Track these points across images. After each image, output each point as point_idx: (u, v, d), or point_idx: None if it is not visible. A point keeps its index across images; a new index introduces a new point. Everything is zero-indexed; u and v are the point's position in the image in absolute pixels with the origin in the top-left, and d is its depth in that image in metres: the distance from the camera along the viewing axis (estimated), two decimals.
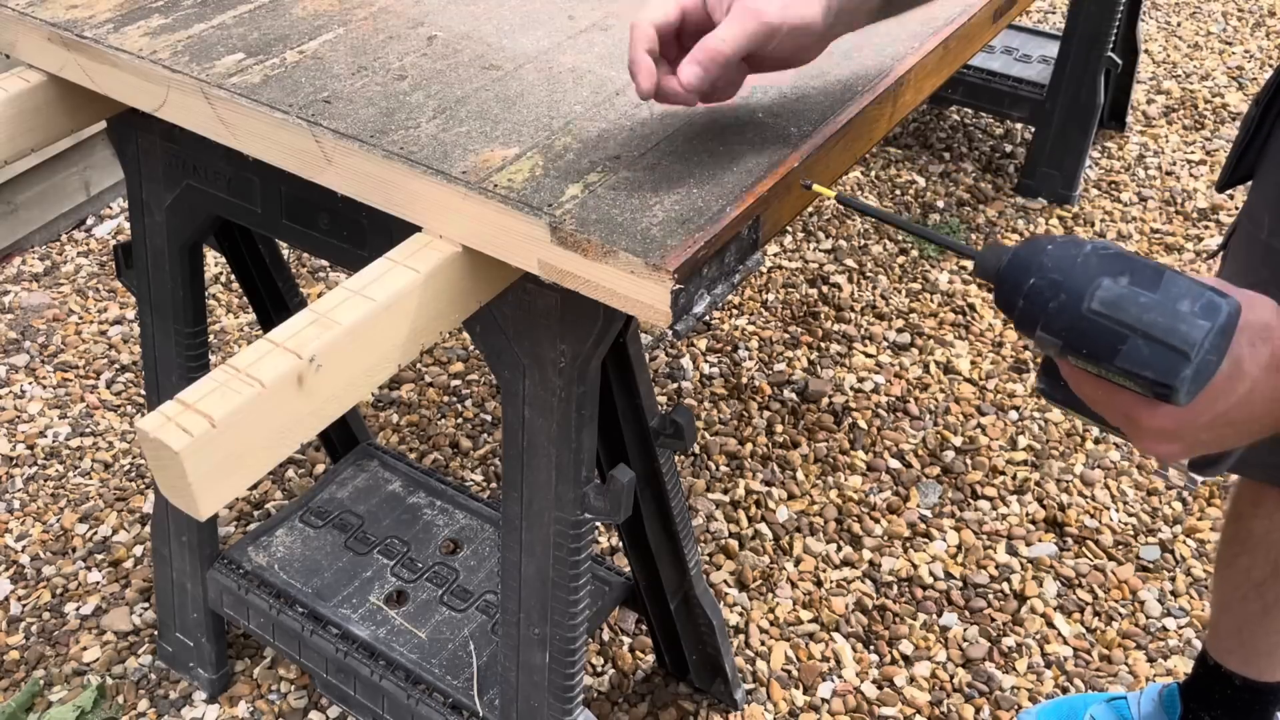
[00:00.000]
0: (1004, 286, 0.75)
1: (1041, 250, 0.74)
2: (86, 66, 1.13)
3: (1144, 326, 0.70)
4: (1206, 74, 3.41)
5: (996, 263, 0.76)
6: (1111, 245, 0.73)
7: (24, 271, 2.61)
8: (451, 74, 1.10)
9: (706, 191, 0.94)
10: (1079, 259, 0.72)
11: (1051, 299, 0.73)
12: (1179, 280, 0.70)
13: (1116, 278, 0.71)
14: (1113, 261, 0.72)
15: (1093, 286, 0.71)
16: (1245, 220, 1.20)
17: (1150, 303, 0.70)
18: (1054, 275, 0.72)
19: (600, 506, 1.19)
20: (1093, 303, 0.71)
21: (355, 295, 0.89)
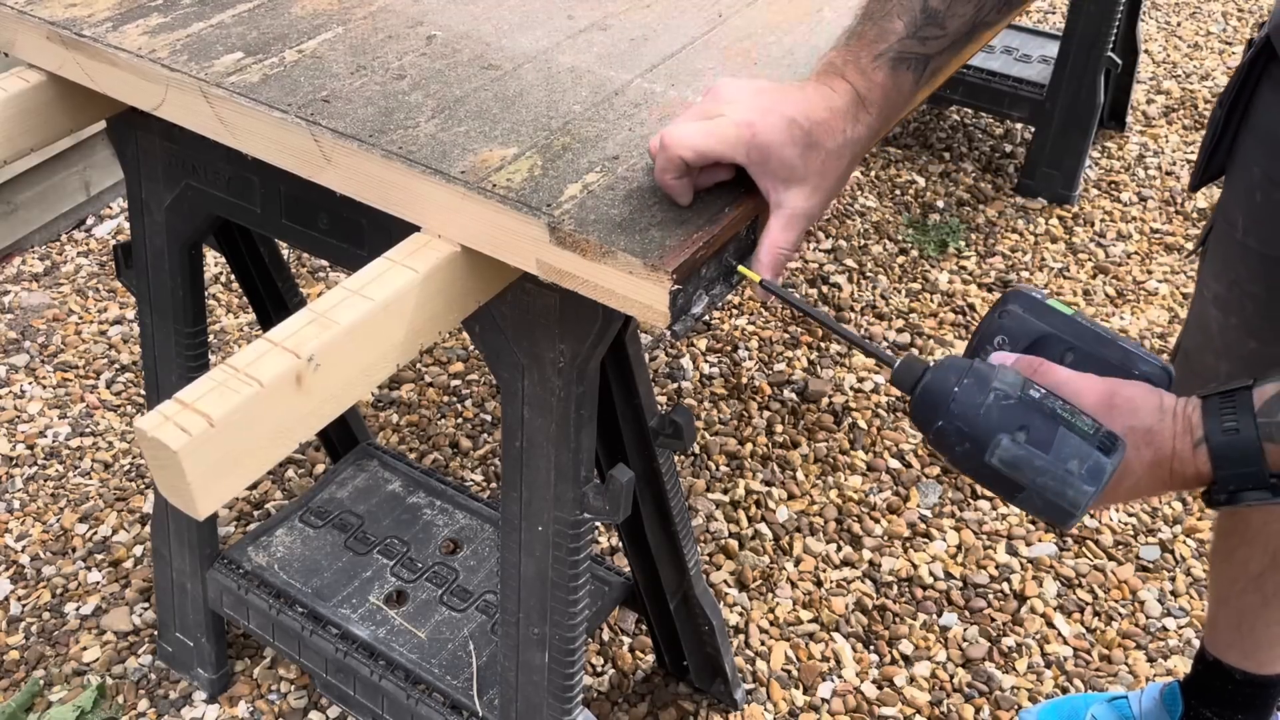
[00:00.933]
0: (916, 413, 0.84)
1: (949, 392, 0.81)
2: (85, 65, 1.13)
3: (1037, 487, 0.79)
4: (1206, 74, 3.41)
5: (910, 380, 0.84)
6: (1014, 386, 0.81)
7: (24, 271, 2.61)
8: (450, 73, 1.10)
9: (705, 192, 0.94)
10: (981, 410, 0.80)
11: (957, 444, 0.81)
12: (1069, 439, 0.79)
13: (1015, 434, 0.79)
14: (1012, 414, 0.79)
15: (993, 443, 0.79)
16: (1220, 219, 1.21)
17: (1043, 465, 0.79)
18: (959, 424, 0.80)
19: (599, 506, 1.19)
20: (992, 458, 0.80)
21: (354, 295, 0.89)
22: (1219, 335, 1.23)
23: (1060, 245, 2.73)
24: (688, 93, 1.08)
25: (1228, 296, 1.21)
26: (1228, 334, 1.22)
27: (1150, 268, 2.66)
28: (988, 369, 0.82)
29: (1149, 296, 2.57)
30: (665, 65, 1.12)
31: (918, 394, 0.83)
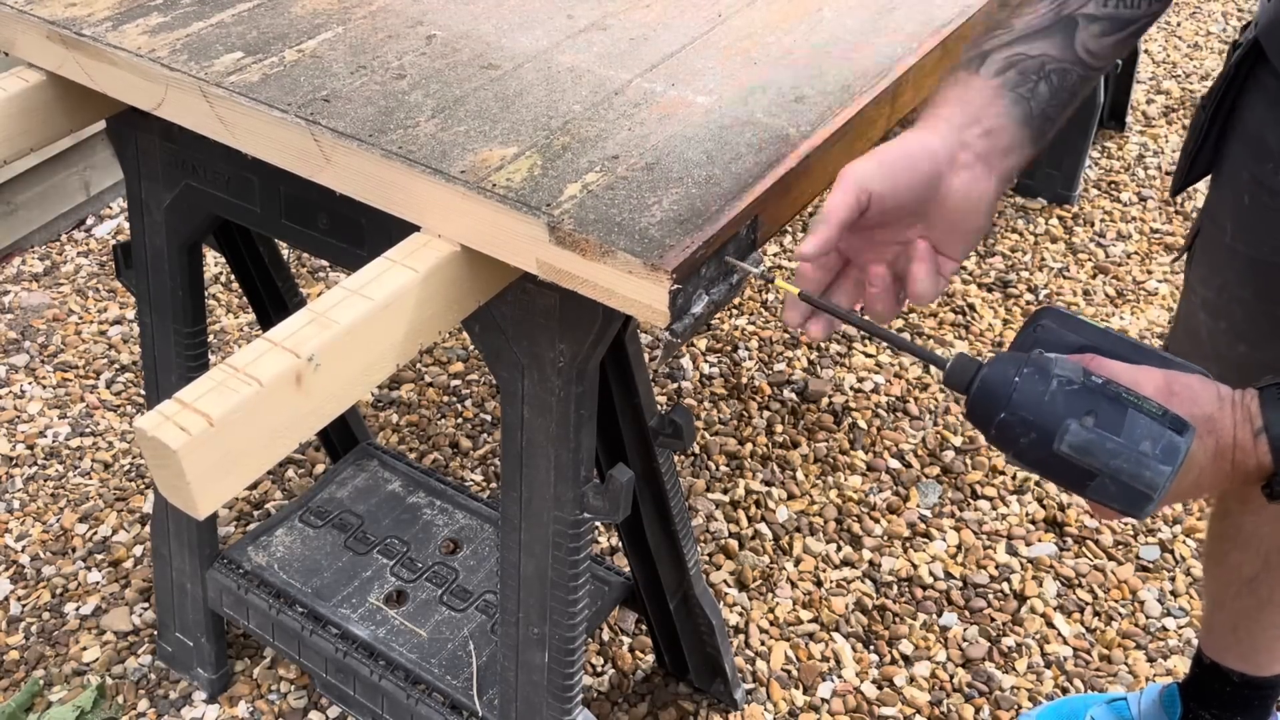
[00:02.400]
0: (974, 410, 0.81)
1: (1009, 383, 0.78)
2: (85, 65, 1.13)
3: (1110, 471, 0.76)
4: (1206, 74, 3.41)
5: (964, 378, 0.81)
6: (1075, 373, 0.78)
7: (24, 271, 2.61)
8: (450, 73, 1.10)
9: (705, 191, 0.94)
10: (1046, 397, 0.77)
11: (1022, 435, 0.78)
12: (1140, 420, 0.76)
13: (1082, 418, 0.76)
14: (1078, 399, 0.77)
15: (1061, 429, 0.76)
16: (1208, 223, 1.20)
17: (1116, 448, 0.76)
18: (1023, 414, 0.78)
19: (599, 506, 1.19)
20: (1062, 445, 0.77)
21: (353, 294, 0.89)
22: (1208, 340, 1.23)
23: (1060, 245, 2.73)
24: (688, 92, 1.08)
25: (1216, 301, 1.21)
26: (1217, 338, 1.22)
27: (1150, 268, 2.66)
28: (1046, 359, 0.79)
29: (1149, 296, 2.57)
30: (665, 65, 1.13)
31: (975, 390, 0.80)
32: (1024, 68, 0.88)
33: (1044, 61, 0.89)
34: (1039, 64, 0.88)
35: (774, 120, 1.04)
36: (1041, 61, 0.89)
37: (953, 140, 0.86)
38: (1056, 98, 0.89)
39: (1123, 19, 0.91)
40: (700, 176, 0.96)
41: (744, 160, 0.98)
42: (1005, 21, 0.91)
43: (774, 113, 1.05)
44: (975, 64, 0.89)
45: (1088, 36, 0.90)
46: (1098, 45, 0.90)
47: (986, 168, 0.87)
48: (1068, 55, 0.89)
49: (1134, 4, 0.91)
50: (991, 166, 0.87)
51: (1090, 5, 0.90)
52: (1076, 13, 0.90)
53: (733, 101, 1.06)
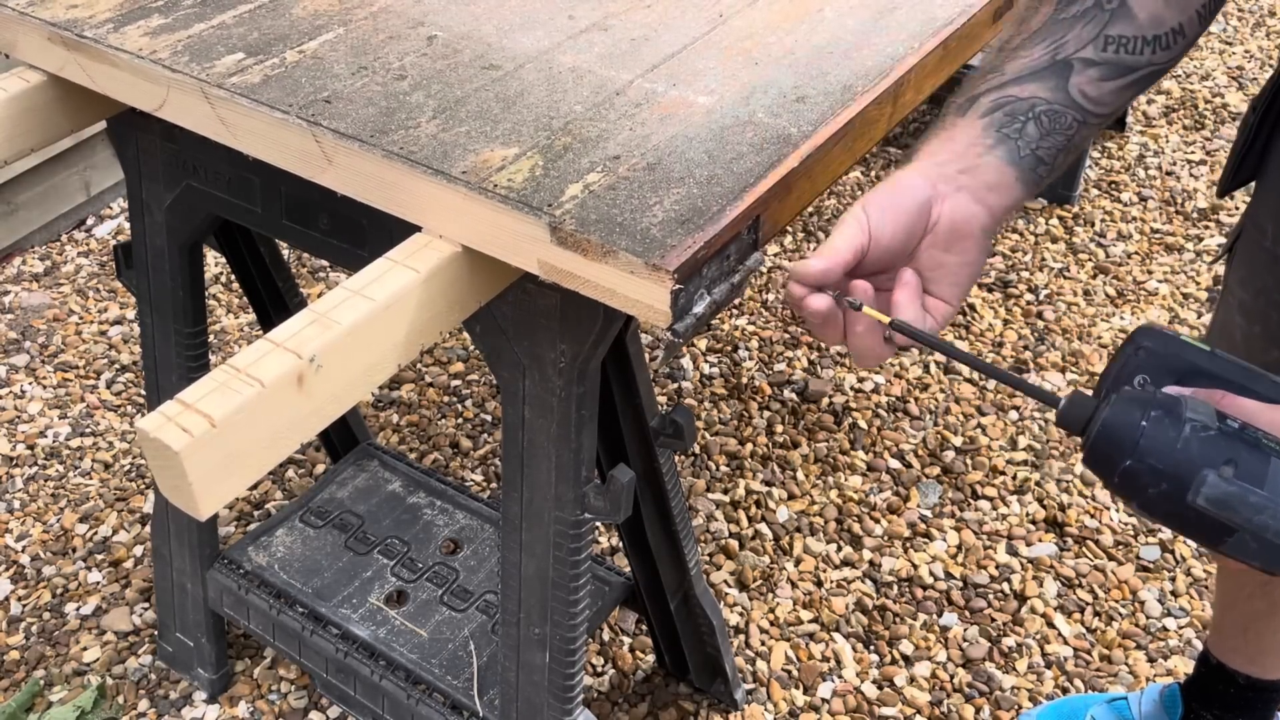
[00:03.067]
0: (1094, 455, 0.74)
1: (1135, 427, 0.72)
2: (86, 66, 1.13)
3: (1254, 528, 0.70)
4: (1206, 74, 3.41)
5: (1081, 417, 0.75)
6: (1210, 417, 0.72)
7: (24, 271, 2.61)
8: (451, 74, 1.10)
9: (706, 191, 0.94)
10: (1179, 445, 0.70)
11: (1151, 485, 0.71)
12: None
13: (1220, 468, 0.70)
14: (1215, 447, 0.70)
15: (1197, 480, 0.70)
16: (1250, 225, 1.19)
17: (1260, 502, 0.69)
18: (1152, 461, 0.71)
19: (600, 506, 1.19)
20: (1198, 498, 0.70)
21: (355, 295, 0.89)
22: (1242, 343, 1.22)
23: (1060, 245, 2.73)
24: (689, 92, 1.08)
25: (1253, 304, 1.20)
26: (1251, 342, 1.21)
27: (1150, 268, 2.66)
28: (1174, 400, 0.73)
29: (1149, 296, 2.57)
30: (666, 65, 1.13)
31: (1096, 434, 0.73)
32: (1012, 109, 0.87)
33: (1034, 103, 0.87)
34: (1028, 105, 0.87)
35: (775, 120, 1.04)
36: (1031, 103, 0.87)
37: (934, 174, 0.85)
38: (1049, 139, 0.87)
39: (1124, 65, 0.89)
40: (702, 176, 0.96)
41: (745, 160, 0.98)
42: (999, 66, 0.90)
43: (775, 113, 1.05)
44: (964, 108, 0.89)
45: (1084, 81, 0.88)
46: (1097, 90, 0.89)
47: (973, 198, 0.85)
48: (1060, 98, 0.88)
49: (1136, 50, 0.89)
50: (978, 199, 0.85)
51: (1088, 49, 0.88)
52: (1073, 56, 0.88)
53: (734, 102, 1.06)
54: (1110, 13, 0.89)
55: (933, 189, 0.85)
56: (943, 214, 0.84)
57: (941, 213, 0.84)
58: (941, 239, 0.85)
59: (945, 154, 0.86)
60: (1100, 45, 0.88)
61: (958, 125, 0.88)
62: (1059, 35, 0.89)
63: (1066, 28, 0.89)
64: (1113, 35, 0.88)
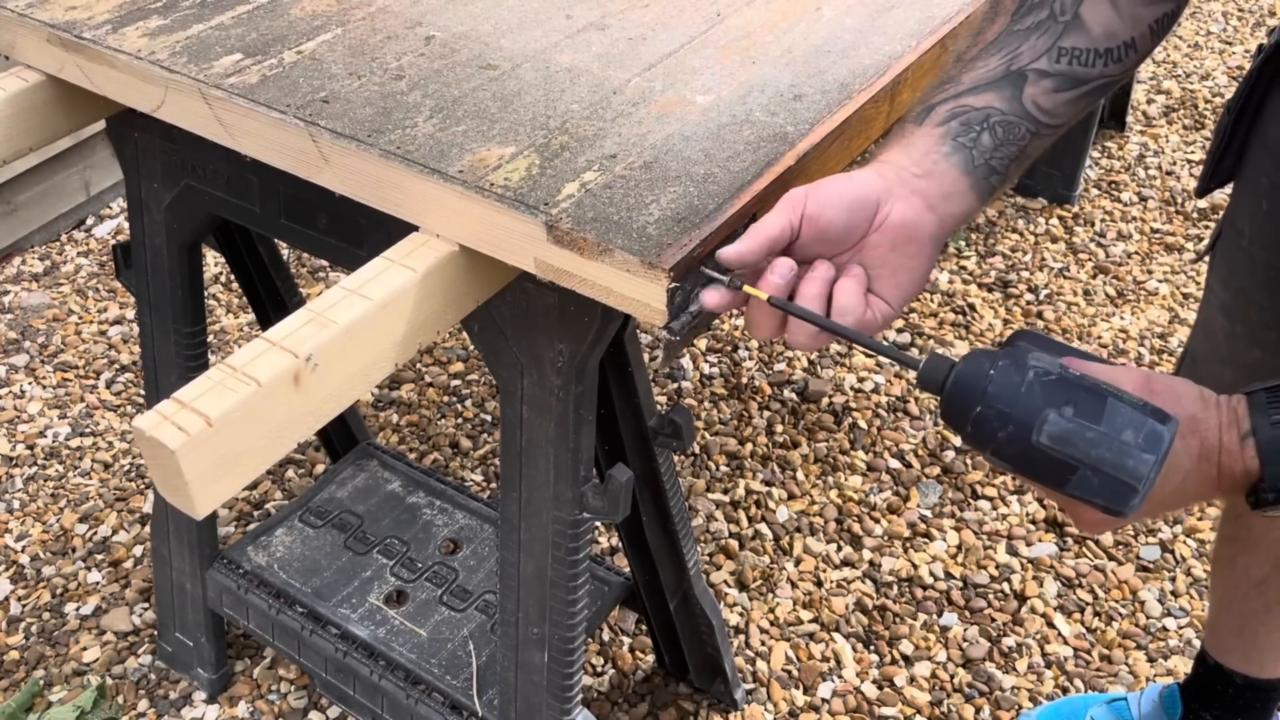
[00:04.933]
0: (949, 407, 0.78)
1: (984, 376, 0.76)
2: (85, 67, 1.13)
3: (1092, 461, 0.73)
4: (1206, 74, 3.41)
5: (938, 376, 0.78)
6: (1053, 365, 0.76)
7: (24, 271, 2.61)
8: (449, 73, 1.10)
9: (702, 190, 0.94)
10: (1023, 388, 0.75)
11: (1000, 429, 0.75)
12: (1120, 409, 0.73)
13: (1061, 408, 0.74)
14: (1056, 389, 0.74)
15: (1040, 419, 0.74)
16: (1228, 226, 1.20)
17: (1097, 437, 0.73)
18: (1000, 406, 0.75)
19: (599, 506, 1.19)
20: (1041, 436, 0.74)
21: (352, 294, 0.89)
22: (1225, 342, 1.23)
23: (1060, 245, 2.73)
24: (686, 91, 1.08)
25: (1233, 304, 1.20)
26: (1234, 341, 1.22)
27: (1150, 268, 2.66)
28: (1020, 350, 0.77)
29: (1149, 296, 2.57)
30: (663, 64, 1.13)
31: (949, 386, 0.77)
32: (967, 119, 0.88)
33: (989, 113, 0.88)
34: (983, 115, 0.88)
35: (772, 119, 1.04)
36: (986, 113, 0.88)
37: (890, 176, 0.86)
38: (1002, 150, 0.88)
39: (1077, 77, 0.90)
40: (698, 175, 0.96)
41: (742, 159, 0.98)
42: (955, 76, 0.91)
43: (772, 111, 1.05)
44: (921, 116, 0.89)
45: (1038, 92, 0.89)
46: (1050, 101, 0.89)
47: (925, 204, 0.86)
48: (1015, 108, 0.88)
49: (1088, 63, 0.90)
50: (931, 205, 0.86)
51: (1042, 61, 0.89)
52: (1027, 68, 0.89)
53: (731, 100, 1.06)
54: (1064, 25, 0.89)
55: (886, 189, 0.85)
56: (893, 213, 0.85)
57: (891, 212, 0.85)
58: (888, 237, 0.85)
59: (903, 159, 0.87)
60: (1054, 57, 0.89)
61: (914, 134, 0.88)
62: (1014, 46, 0.90)
63: (1021, 39, 0.90)
64: (1066, 47, 0.89)
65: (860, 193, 0.84)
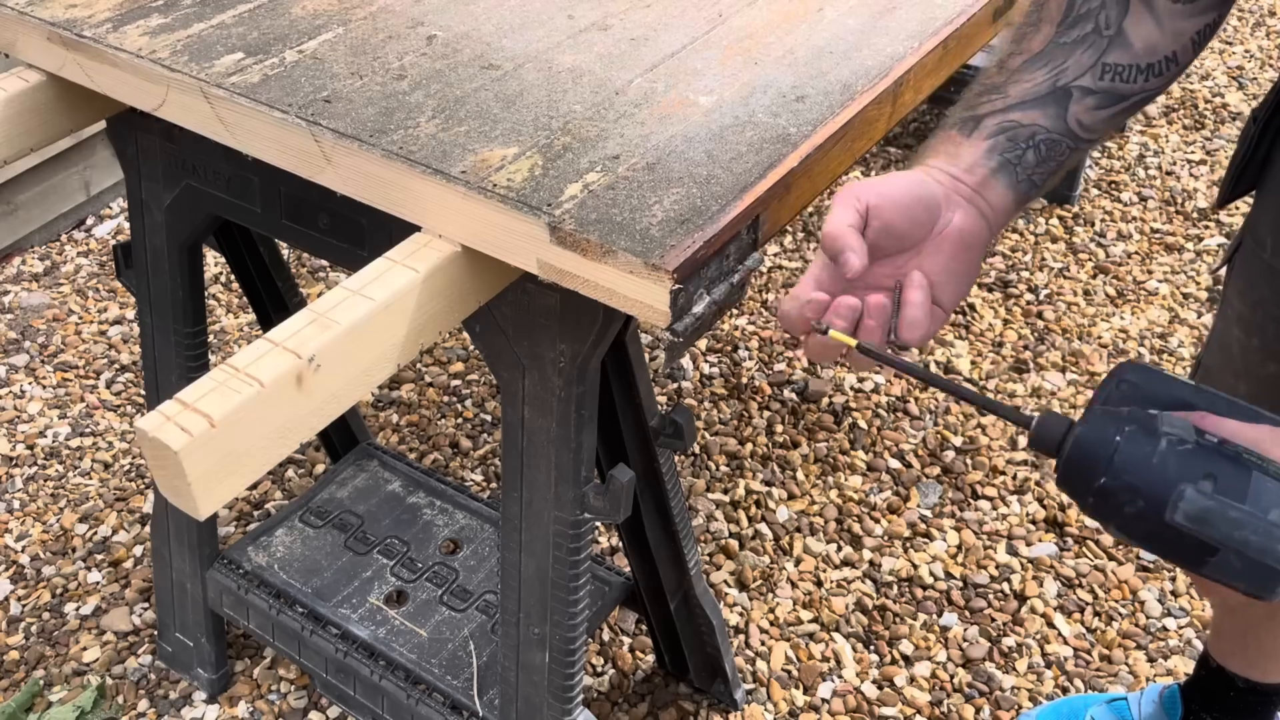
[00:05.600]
0: (1068, 475, 0.71)
1: (1110, 443, 0.69)
2: (86, 66, 1.13)
3: (1235, 544, 0.66)
4: (1206, 74, 3.41)
5: (1055, 436, 0.72)
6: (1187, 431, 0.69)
7: (24, 271, 2.61)
8: (451, 74, 1.10)
9: (706, 191, 0.94)
10: (1155, 460, 0.67)
11: (1128, 503, 0.68)
12: (1267, 485, 0.66)
13: (1199, 483, 0.66)
14: (1193, 461, 0.67)
15: (1175, 495, 0.67)
16: (1248, 238, 1.19)
17: (1241, 517, 0.66)
18: (1128, 478, 0.68)
19: (600, 506, 1.19)
20: (1176, 514, 0.67)
21: (354, 295, 0.89)
22: (1240, 356, 1.22)
23: (1060, 245, 2.73)
24: (689, 92, 1.08)
25: (1251, 317, 1.19)
26: (1249, 355, 1.20)
27: (1150, 268, 2.66)
28: (1150, 415, 0.69)
29: (1149, 296, 2.57)
30: (666, 65, 1.12)
31: (1068, 451, 0.70)
32: (1014, 134, 0.88)
33: (1035, 131, 0.88)
34: (1030, 133, 0.88)
35: (775, 120, 1.04)
36: (1033, 131, 0.88)
37: (948, 183, 0.86)
38: (1043, 166, 0.89)
39: (1118, 93, 0.90)
40: (701, 176, 0.96)
41: (745, 160, 0.98)
42: (1001, 87, 0.91)
43: (775, 112, 1.05)
44: (969, 127, 0.89)
45: (1081, 110, 0.89)
46: (1091, 119, 0.90)
47: (979, 214, 0.87)
48: (1059, 126, 0.89)
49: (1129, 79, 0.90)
50: (984, 214, 0.87)
51: (1086, 78, 0.89)
52: (1072, 84, 0.89)
53: (734, 101, 1.06)
54: (1109, 40, 0.89)
55: (946, 195, 0.86)
56: (954, 220, 0.85)
57: (953, 219, 0.85)
58: (949, 247, 0.86)
59: (953, 168, 0.88)
60: (1098, 73, 0.89)
61: (963, 144, 0.89)
62: (1060, 61, 0.90)
63: (1067, 53, 0.90)
64: (1109, 63, 0.89)
65: (924, 191, 0.84)
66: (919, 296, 0.84)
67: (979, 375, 2.34)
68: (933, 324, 0.86)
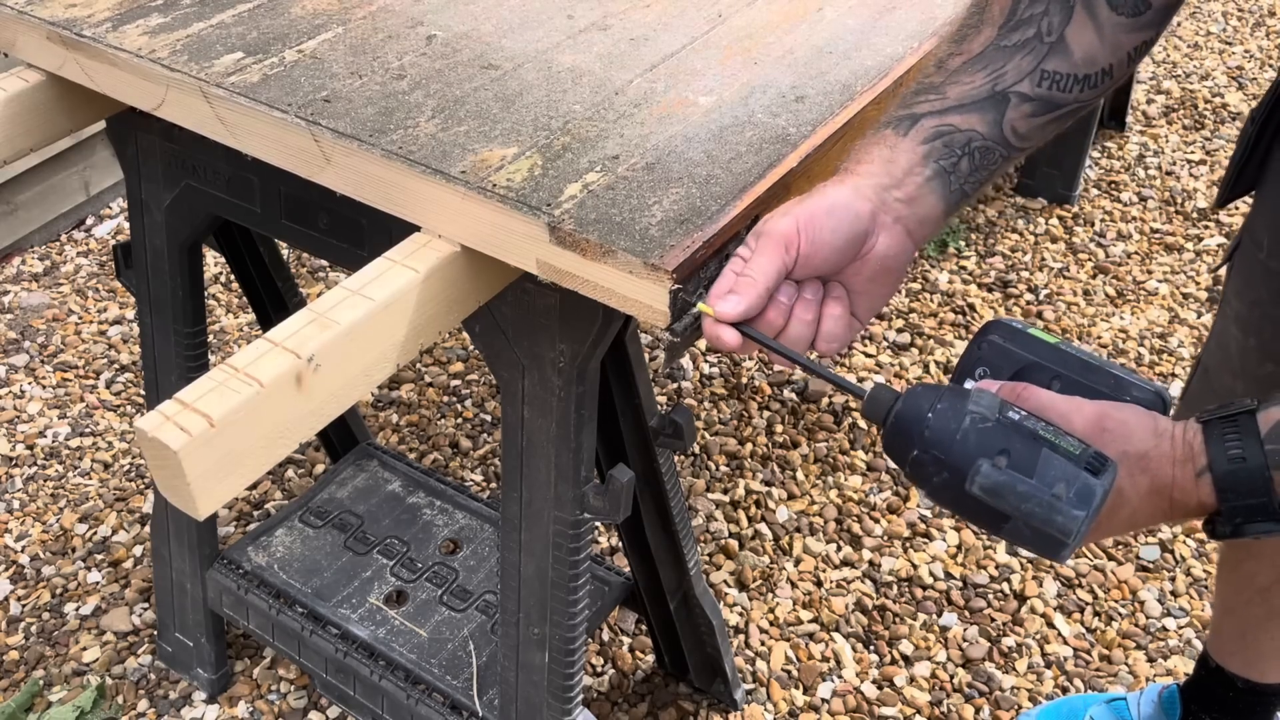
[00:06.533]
0: (889, 444, 0.78)
1: (922, 418, 0.76)
2: (85, 65, 1.13)
3: (1023, 515, 0.73)
4: (1206, 74, 3.41)
5: (880, 411, 0.78)
6: (991, 408, 0.75)
7: (24, 271, 2.61)
8: (450, 73, 1.10)
9: (705, 191, 0.94)
10: (958, 435, 0.74)
11: (935, 474, 0.75)
12: (1054, 460, 0.73)
13: (995, 458, 0.73)
14: (991, 437, 0.74)
15: (972, 469, 0.74)
16: (1246, 238, 1.19)
17: (1027, 490, 0.72)
18: (935, 451, 0.75)
19: (599, 506, 1.19)
20: (973, 486, 0.74)
21: (354, 295, 0.89)
22: (1237, 355, 1.22)
23: (1060, 245, 2.73)
24: (688, 92, 1.08)
25: (1248, 317, 1.19)
26: (1246, 355, 1.21)
27: (1150, 268, 2.66)
28: (962, 392, 0.77)
29: (1149, 296, 2.57)
30: (665, 65, 1.12)
31: (889, 424, 0.78)
32: (950, 140, 0.87)
33: (971, 137, 0.87)
34: (966, 138, 0.87)
35: (774, 120, 1.04)
36: (969, 137, 0.87)
37: (876, 200, 0.85)
38: (976, 175, 0.88)
39: (1053, 102, 0.89)
40: (700, 176, 0.96)
41: (744, 160, 0.98)
42: (939, 87, 0.89)
43: (774, 112, 1.05)
44: (905, 126, 0.88)
45: (1017, 116, 0.88)
46: (1026, 126, 0.89)
47: (905, 231, 0.86)
48: (994, 134, 0.88)
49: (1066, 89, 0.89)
50: (910, 231, 0.86)
51: (1024, 83, 0.88)
52: (1010, 89, 0.88)
53: (733, 101, 1.06)
54: (1049, 47, 0.88)
55: (873, 218, 0.84)
56: (877, 245, 0.84)
57: (877, 244, 0.84)
58: (869, 269, 0.85)
59: (885, 176, 0.86)
60: (1036, 80, 0.88)
61: (899, 146, 0.87)
62: (999, 64, 0.89)
63: (1007, 56, 0.89)
64: (1048, 70, 0.88)
65: (853, 229, 0.83)
66: (837, 309, 0.85)
67: None
68: (849, 334, 0.86)
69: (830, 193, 0.84)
